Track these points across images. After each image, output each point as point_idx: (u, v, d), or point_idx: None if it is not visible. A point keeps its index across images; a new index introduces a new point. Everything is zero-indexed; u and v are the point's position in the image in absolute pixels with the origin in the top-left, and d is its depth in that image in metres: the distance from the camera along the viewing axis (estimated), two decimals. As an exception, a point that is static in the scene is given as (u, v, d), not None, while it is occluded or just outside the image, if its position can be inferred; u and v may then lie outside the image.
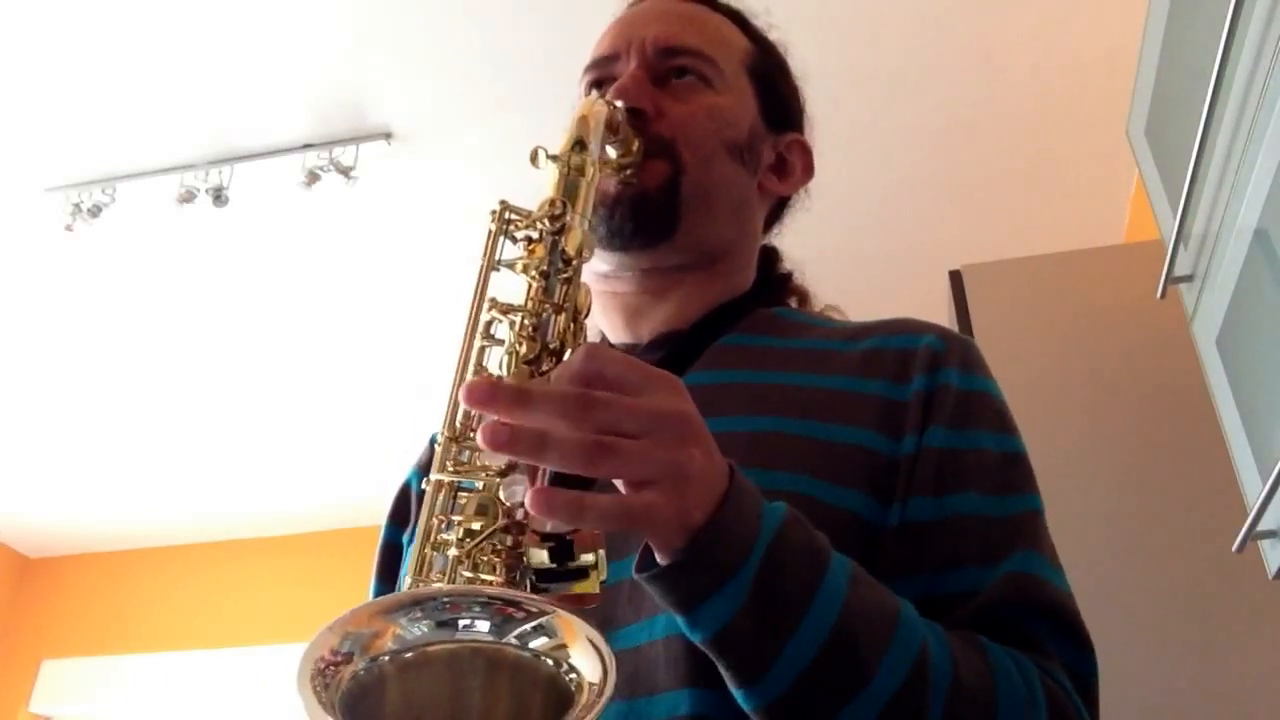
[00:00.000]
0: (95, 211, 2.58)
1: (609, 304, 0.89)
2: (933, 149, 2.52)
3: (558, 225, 0.65)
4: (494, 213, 0.67)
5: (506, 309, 0.62)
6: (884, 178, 2.59)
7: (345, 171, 2.50)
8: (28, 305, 2.99)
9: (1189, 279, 1.33)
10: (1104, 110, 2.29)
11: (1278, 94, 1.03)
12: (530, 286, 0.63)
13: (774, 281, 0.96)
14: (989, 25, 2.24)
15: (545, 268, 0.63)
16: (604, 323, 0.90)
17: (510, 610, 0.48)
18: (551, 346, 0.61)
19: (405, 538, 0.87)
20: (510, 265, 0.65)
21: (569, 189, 0.68)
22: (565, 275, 0.64)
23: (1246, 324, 1.17)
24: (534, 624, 0.48)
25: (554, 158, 0.70)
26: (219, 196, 2.55)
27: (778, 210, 0.99)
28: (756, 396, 0.77)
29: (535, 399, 0.52)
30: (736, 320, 0.86)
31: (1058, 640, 0.67)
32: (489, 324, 0.63)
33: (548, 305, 0.62)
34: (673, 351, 0.83)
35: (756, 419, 0.75)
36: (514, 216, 0.67)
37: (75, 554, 4.22)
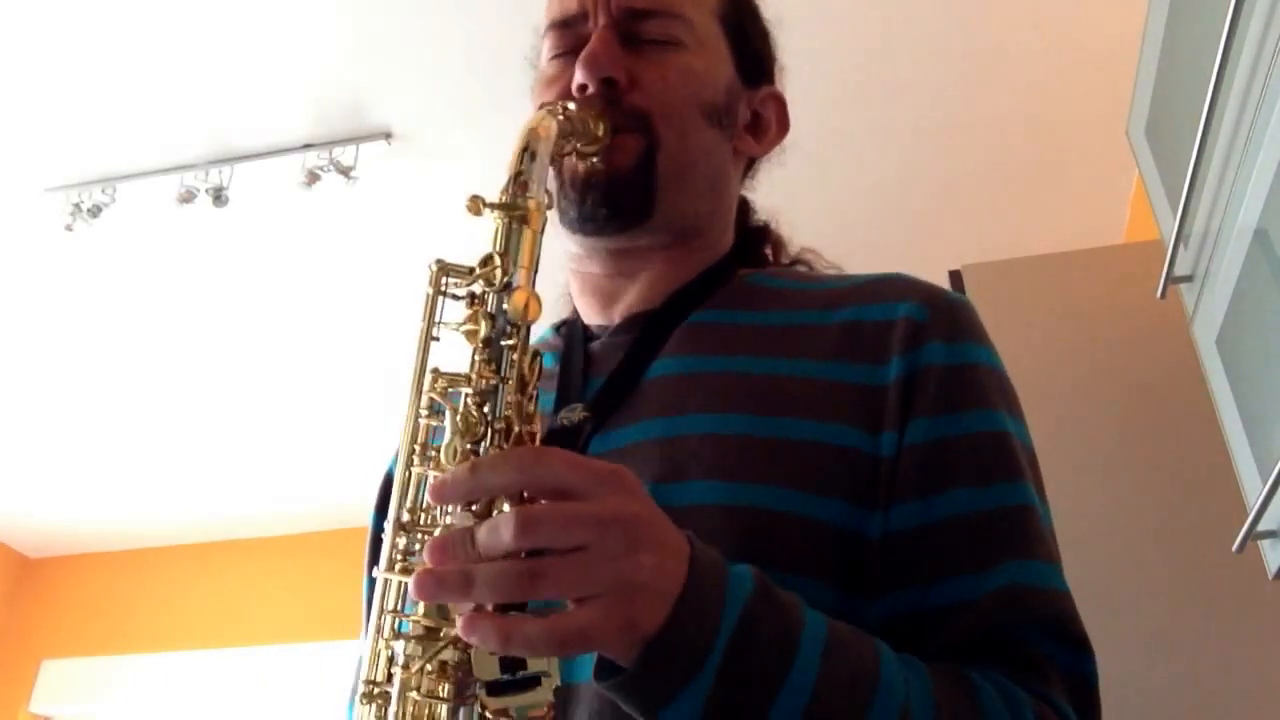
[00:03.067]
0: (95, 211, 2.58)
1: (582, 285, 0.85)
2: (933, 149, 2.52)
3: (502, 283, 0.60)
4: (430, 271, 0.62)
5: (451, 381, 0.59)
6: (884, 177, 2.59)
7: (345, 171, 2.50)
8: (28, 305, 2.99)
9: (1189, 279, 1.32)
10: (1104, 110, 2.29)
11: (1278, 94, 1.03)
12: (474, 359, 0.59)
13: (751, 237, 0.92)
14: (989, 25, 2.24)
15: (489, 334, 0.59)
16: (579, 303, 0.87)
17: None
18: (497, 426, 0.57)
19: None
20: (454, 328, 0.61)
21: (513, 240, 0.62)
22: (511, 343, 0.59)
23: (1246, 324, 1.17)
24: None
25: (494, 206, 0.63)
26: (219, 196, 2.55)
27: (751, 164, 0.93)
28: (725, 389, 0.73)
29: (479, 539, 0.50)
30: (711, 291, 0.82)
31: (1056, 651, 0.64)
32: (432, 402, 0.60)
33: (493, 378, 0.58)
34: (643, 333, 0.80)
35: (725, 418, 0.71)
36: (453, 274, 0.62)
37: (75, 554, 4.22)
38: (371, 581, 0.87)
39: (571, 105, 0.76)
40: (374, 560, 0.87)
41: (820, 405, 0.71)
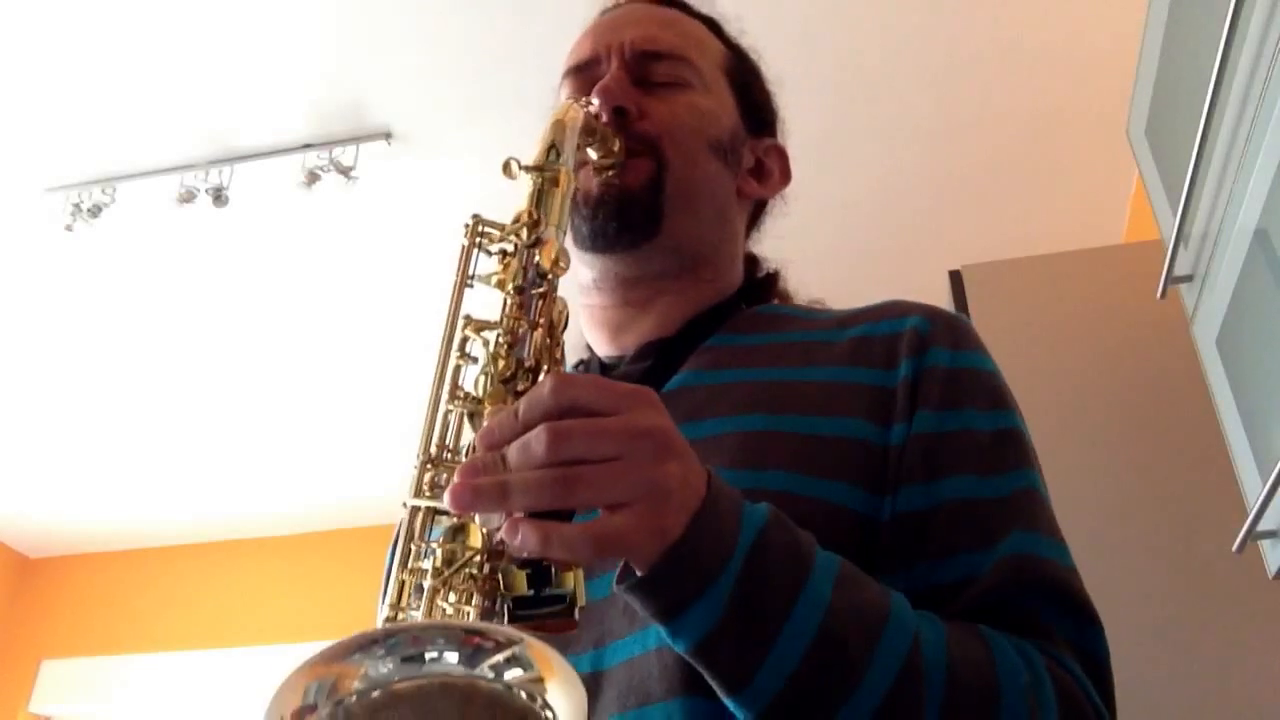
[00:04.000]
0: (95, 211, 2.58)
1: (592, 318, 0.89)
2: (933, 149, 2.52)
3: (532, 238, 0.65)
4: (467, 226, 0.66)
5: (482, 326, 0.62)
6: (884, 177, 2.59)
7: (345, 171, 2.50)
8: (28, 305, 2.99)
9: (1189, 279, 1.33)
10: (1104, 110, 2.29)
11: (1278, 94, 1.03)
12: (505, 303, 0.63)
13: (759, 283, 0.95)
14: (989, 24, 2.24)
15: (520, 282, 0.63)
16: (589, 337, 0.89)
17: (481, 641, 0.46)
18: (527, 364, 0.60)
19: None
20: (485, 280, 0.64)
21: (543, 200, 0.67)
22: (541, 290, 0.63)
23: (1246, 324, 1.17)
24: (506, 655, 0.46)
25: (527, 168, 0.69)
26: (219, 196, 2.55)
27: (755, 216, 0.98)
28: (744, 396, 0.76)
29: (510, 458, 0.52)
30: (722, 321, 0.86)
31: (1062, 621, 0.66)
32: (464, 341, 0.62)
33: (523, 321, 0.62)
34: (659, 359, 0.83)
35: (745, 418, 0.74)
36: (487, 230, 0.66)
37: (75, 554, 4.22)
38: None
39: (596, 102, 0.80)
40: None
41: (834, 404, 0.74)
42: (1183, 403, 1.56)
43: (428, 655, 0.45)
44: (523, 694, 0.45)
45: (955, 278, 1.82)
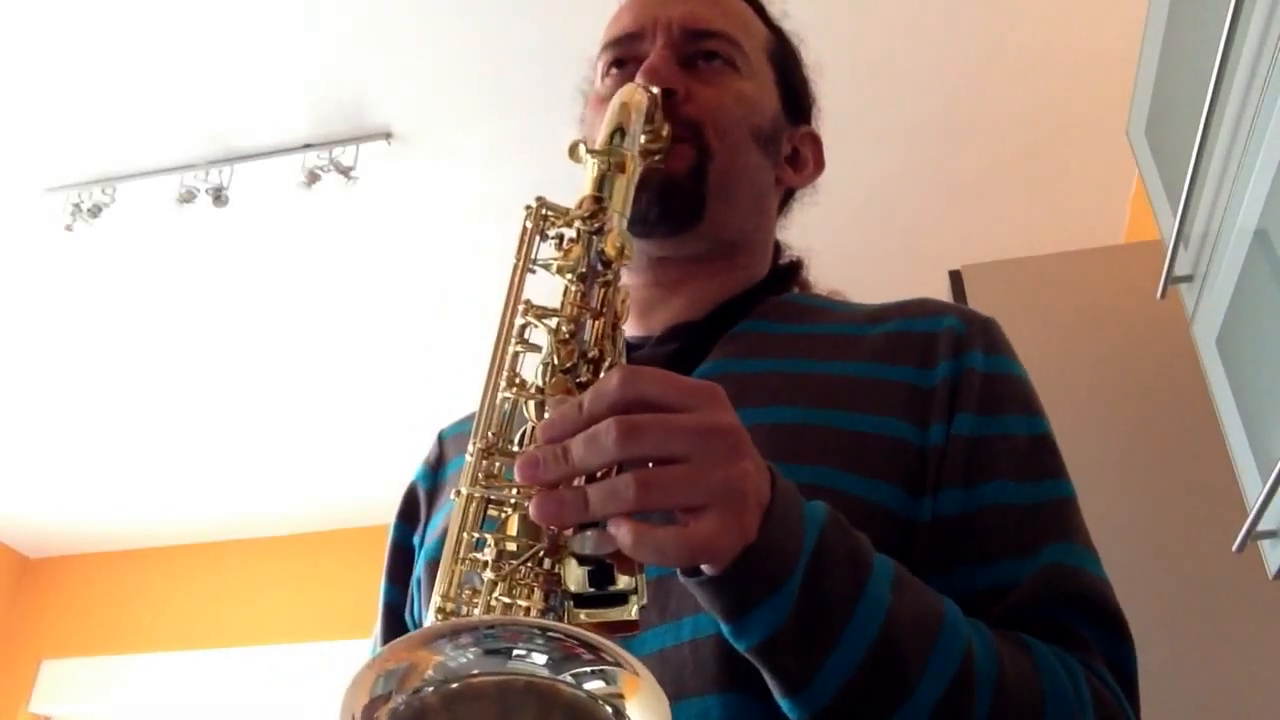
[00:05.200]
0: (95, 211, 2.58)
1: None
2: (933, 148, 2.52)
3: (596, 225, 0.62)
4: (529, 209, 0.64)
5: (542, 313, 0.59)
6: (884, 177, 2.59)
7: (345, 171, 2.50)
8: (28, 305, 2.99)
9: (1189, 279, 1.32)
10: (1104, 110, 2.29)
11: (1278, 94, 1.03)
12: (567, 290, 0.60)
13: (784, 270, 0.95)
14: (989, 24, 2.24)
15: (583, 270, 0.61)
16: None
17: (573, 648, 0.45)
18: (589, 354, 0.58)
19: (416, 539, 0.87)
20: (546, 266, 0.62)
21: (607, 185, 0.65)
22: (605, 279, 0.61)
23: (1246, 324, 1.17)
24: (596, 666, 0.44)
25: (593, 152, 0.67)
26: (219, 196, 2.55)
27: (784, 202, 0.98)
28: (776, 386, 0.75)
29: (574, 451, 0.50)
30: (750, 308, 0.85)
31: (1098, 633, 0.66)
32: (523, 328, 0.59)
33: (585, 311, 0.59)
34: (687, 343, 0.82)
35: (778, 410, 0.73)
36: (549, 214, 0.64)
37: (75, 554, 4.22)
38: (390, 586, 0.87)
39: (655, 90, 0.78)
40: (393, 569, 0.87)
41: (868, 400, 0.73)
42: (1183, 403, 1.56)
43: (514, 652, 0.44)
44: (607, 707, 0.44)
45: (955, 278, 1.81)
